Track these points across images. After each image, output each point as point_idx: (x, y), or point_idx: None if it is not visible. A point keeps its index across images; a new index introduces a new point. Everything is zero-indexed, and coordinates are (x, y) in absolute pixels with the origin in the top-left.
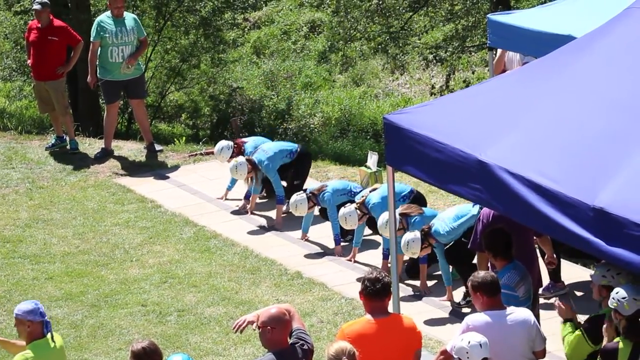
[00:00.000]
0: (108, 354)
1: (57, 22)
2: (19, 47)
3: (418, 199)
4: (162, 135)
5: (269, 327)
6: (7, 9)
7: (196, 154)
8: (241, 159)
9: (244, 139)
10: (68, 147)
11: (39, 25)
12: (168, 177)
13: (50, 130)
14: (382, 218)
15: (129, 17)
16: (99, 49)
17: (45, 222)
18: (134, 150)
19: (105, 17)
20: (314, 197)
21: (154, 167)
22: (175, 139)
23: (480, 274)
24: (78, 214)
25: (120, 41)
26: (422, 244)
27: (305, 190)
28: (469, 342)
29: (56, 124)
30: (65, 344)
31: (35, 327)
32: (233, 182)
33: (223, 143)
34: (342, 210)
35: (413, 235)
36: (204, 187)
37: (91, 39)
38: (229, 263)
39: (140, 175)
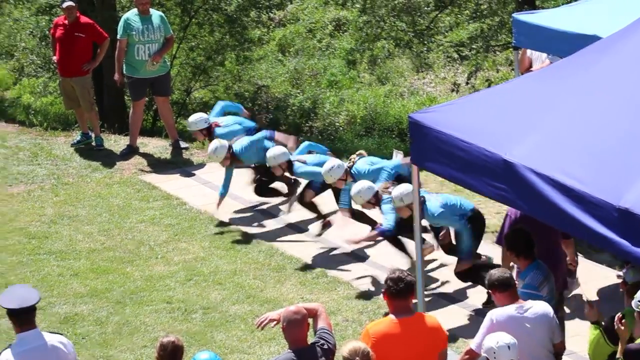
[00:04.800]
0: (133, 350)
1: (84, 19)
2: (44, 44)
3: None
4: (187, 132)
5: (284, 325)
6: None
7: None
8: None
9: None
10: (93, 143)
11: (66, 21)
12: (193, 175)
13: (75, 126)
14: (355, 187)
15: (156, 14)
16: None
17: (71, 218)
18: (159, 147)
19: (131, 15)
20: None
21: (179, 165)
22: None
23: (493, 271)
24: (103, 210)
25: (147, 39)
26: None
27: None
28: (497, 343)
29: (81, 120)
30: (90, 341)
31: None
32: (225, 187)
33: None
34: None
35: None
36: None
37: (118, 36)
38: (254, 261)
39: (166, 173)
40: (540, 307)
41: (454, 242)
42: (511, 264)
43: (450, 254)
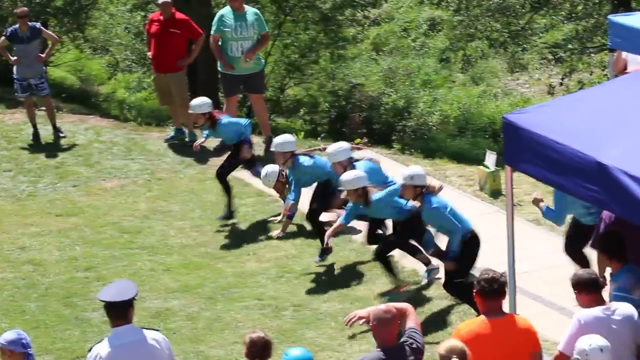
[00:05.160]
0: (223, 346)
1: (179, 15)
2: (138, 39)
3: None
4: (280, 129)
5: (374, 324)
6: (126, 1)
7: (314, 150)
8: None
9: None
10: (187, 139)
11: (161, 17)
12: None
13: (169, 122)
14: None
15: (250, 11)
16: (219, 43)
17: (164, 213)
18: (256, 144)
19: (226, 11)
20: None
21: (272, 161)
22: (294, 134)
23: (579, 272)
24: (196, 206)
25: (240, 36)
26: None
27: None
28: (590, 345)
29: (175, 116)
30: (181, 336)
31: (16, 358)
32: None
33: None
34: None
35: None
36: None
37: (212, 32)
38: (345, 259)
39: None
40: (625, 309)
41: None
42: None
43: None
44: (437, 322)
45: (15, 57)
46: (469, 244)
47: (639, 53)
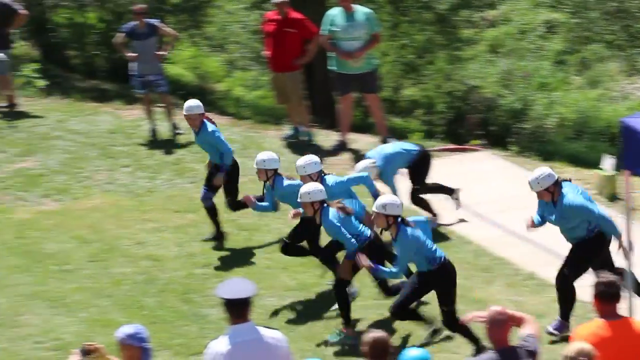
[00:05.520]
0: (340, 345)
1: (295, 14)
2: (255, 37)
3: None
4: (397, 129)
5: (488, 325)
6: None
7: (432, 150)
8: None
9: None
10: (305, 138)
11: (277, 17)
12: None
13: (285, 120)
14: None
15: (361, 11)
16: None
17: (281, 211)
18: (370, 143)
19: (336, 11)
20: None
21: None
22: (410, 134)
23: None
24: None
25: (350, 35)
26: None
27: None
28: None
29: (292, 115)
30: (297, 333)
31: (133, 352)
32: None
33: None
34: None
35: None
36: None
37: (322, 32)
38: (463, 260)
39: None
40: None
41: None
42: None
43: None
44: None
45: (133, 54)
46: (439, 274)
47: None
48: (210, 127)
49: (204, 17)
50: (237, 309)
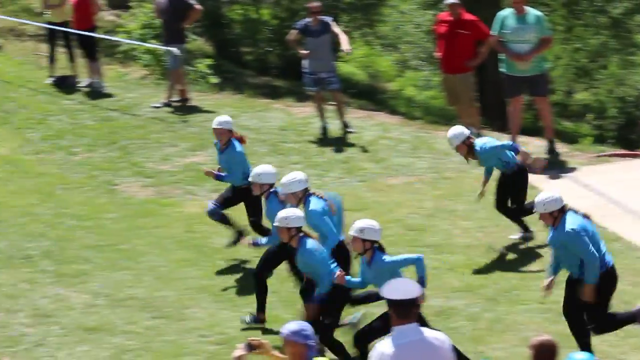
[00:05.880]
0: (504, 349)
1: (467, 16)
2: (428, 38)
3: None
4: (567, 134)
5: None
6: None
7: (603, 155)
8: None
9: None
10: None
11: (450, 18)
12: (569, 176)
13: (456, 121)
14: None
15: (533, 14)
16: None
17: (449, 212)
18: (539, 147)
19: (507, 13)
20: None
21: (556, 165)
22: (581, 139)
23: None
24: (481, 206)
25: (520, 38)
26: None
27: None
28: None
29: (462, 116)
30: (462, 335)
31: (298, 349)
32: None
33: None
34: None
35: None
36: (609, 188)
37: (492, 32)
38: (630, 267)
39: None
40: None
41: None
42: None
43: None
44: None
45: (305, 51)
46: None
47: None
48: (238, 147)
49: (377, 16)
50: (403, 310)
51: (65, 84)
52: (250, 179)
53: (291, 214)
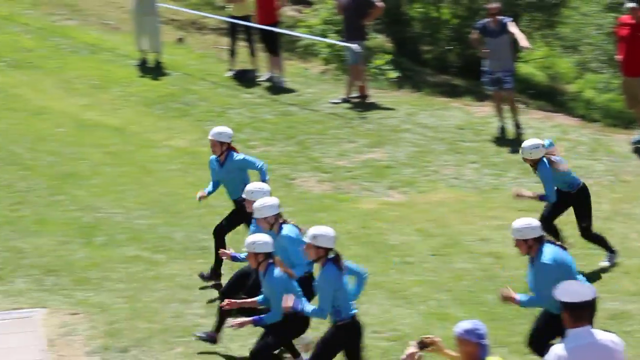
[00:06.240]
0: None
1: None
2: (609, 40)
3: None
4: None
5: None
6: (599, 1)
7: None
8: None
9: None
10: None
11: (632, 21)
12: None
13: (635, 125)
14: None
15: None
16: None
17: (626, 216)
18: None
19: None
20: None
21: None
22: None
23: None
24: None
25: None
26: None
27: None
28: None
29: None
30: (636, 340)
31: (470, 348)
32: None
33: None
34: None
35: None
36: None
37: None
38: None
39: None
40: None
41: None
42: None
43: None
44: None
45: (486, 50)
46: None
47: None
48: (237, 155)
49: (558, 17)
50: (578, 312)
51: (245, 78)
52: (243, 196)
53: (258, 239)
